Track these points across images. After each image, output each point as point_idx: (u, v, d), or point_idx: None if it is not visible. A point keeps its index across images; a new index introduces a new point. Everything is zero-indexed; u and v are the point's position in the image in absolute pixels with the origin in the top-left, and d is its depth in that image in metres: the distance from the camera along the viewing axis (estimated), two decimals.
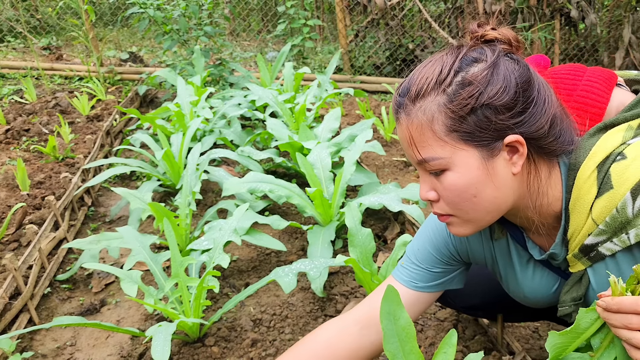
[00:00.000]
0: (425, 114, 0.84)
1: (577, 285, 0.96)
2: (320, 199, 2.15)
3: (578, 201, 0.88)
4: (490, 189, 0.86)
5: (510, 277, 1.09)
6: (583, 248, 0.90)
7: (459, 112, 0.82)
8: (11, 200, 2.52)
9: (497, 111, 0.82)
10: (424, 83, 0.85)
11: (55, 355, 1.66)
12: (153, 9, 4.19)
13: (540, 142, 0.86)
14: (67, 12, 6.13)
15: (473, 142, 0.84)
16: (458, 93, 0.82)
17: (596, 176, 0.86)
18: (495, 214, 0.90)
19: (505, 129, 0.83)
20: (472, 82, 0.82)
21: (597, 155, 0.87)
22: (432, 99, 0.84)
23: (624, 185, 0.82)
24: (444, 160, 0.85)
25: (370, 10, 5.29)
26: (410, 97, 0.86)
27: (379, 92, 5.08)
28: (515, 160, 0.86)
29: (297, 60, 5.50)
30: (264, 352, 1.62)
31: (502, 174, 0.86)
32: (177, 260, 1.61)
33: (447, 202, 0.89)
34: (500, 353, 1.54)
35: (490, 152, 0.84)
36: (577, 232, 0.90)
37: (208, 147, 2.98)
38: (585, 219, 0.88)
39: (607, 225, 0.85)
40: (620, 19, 5.17)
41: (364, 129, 2.84)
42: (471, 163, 0.84)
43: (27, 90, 4.27)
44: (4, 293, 1.71)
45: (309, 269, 1.73)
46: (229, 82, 4.39)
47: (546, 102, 0.86)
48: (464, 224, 0.92)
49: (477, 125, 0.83)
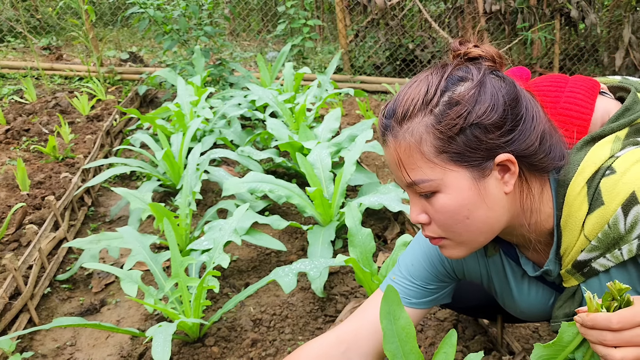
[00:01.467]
0: (413, 135, 0.82)
1: (570, 301, 0.96)
2: (320, 199, 2.15)
3: (570, 218, 0.87)
4: (482, 209, 0.84)
5: (505, 294, 1.08)
6: (576, 264, 0.90)
7: (448, 132, 0.81)
8: (11, 200, 2.52)
9: (486, 130, 0.81)
10: (410, 104, 0.83)
11: (55, 355, 1.66)
12: (153, 8, 4.19)
13: (531, 159, 0.85)
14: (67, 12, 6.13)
15: (463, 163, 0.82)
16: (446, 113, 0.81)
17: (586, 192, 0.85)
18: (488, 235, 0.89)
19: (496, 147, 0.82)
20: (460, 102, 0.81)
21: (586, 171, 0.86)
22: (420, 120, 0.82)
23: (614, 200, 0.81)
24: (434, 182, 0.83)
25: (370, 10, 5.29)
26: (396, 119, 0.84)
27: (379, 92, 5.08)
28: (507, 179, 0.85)
29: (297, 60, 5.50)
30: (264, 352, 1.62)
31: (494, 194, 0.84)
32: (177, 260, 1.61)
33: (439, 224, 0.87)
34: (500, 353, 1.54)
35: (482, 172, 0.83)
36: (569, 248, 0.89)
37: (208, 147, 2.98)
38: (578, 235, 0.87)
39: (600, 241, 0.84)
40: (620, 19, 5.17)
41: (364, 129, 2.84)
42: (462, 184, 0.83)
43: (27, 90, 4.27)
44: (4, 293, 1.71)
45: (309, 269, 1.73)
46: (229, 82, 4.39)
47: (535, 118, 0.85)
48: (457, 246, 0.90)
49: (466, 145, 0.81)
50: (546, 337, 1.65)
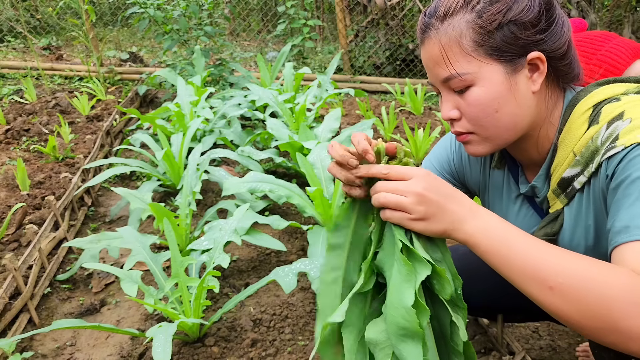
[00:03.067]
0: (454, 29, 0.87)
1: (552, 223, 0.99)
2: (321, 199, 2.15)
3: (567, 135, 0.92)
4: (511, 104, 0.89)
5: (496, 209, 1.12)
6: (561, 182, 0.94)
7: (487, 27, 0.85)
8: (11, 200, 2.52)
9: (522, 27, 0.86)
10: (452, 2, 0.88)
11: (55, 355, 1.66)
12: (153, 8, 4.19)
13: (558, 63, 0.90)
14: (67, 12, 6.13)
15: (498, 57, 0.87)
16: (487, 9, 0.86)
17: (589, 114, 0.90)
18: (512, 133, 0.92)
19: (529, 44, 0.87)
20: (500, 0, 0.86)
21: (596, 97, 0.91)
22: (461, 16, 0.87)
23: (605, 119, 0.86)
24: (470, 75, 0.87)
25: (370, 10, 5.29)
26: (438, 17, 0.89)
27: (379, 92, 5.08)
28: (535, 78, 0.89)
29: (297, 60, 5.50)
30: (264, 352, 1.62)
31: (523, 91, 0.89)
32: (177, 260, 1.61)
33: (469, 118, 0.92)
34: (500, 353, 1.54)
35: (514, 68, 0.88)
36: (560, 165, 0.94)
37: (208, 147, 2.98)
38: (569, 152, 0.91)
39: (582, 155, 0.88)
40: (620, 19, 5.17)
41: (364, 129, 2.84)
42: (496, 78, 0.87)
43: (27, 90, 4.27)
44: (4, 293, 1.71)
45: (309, 269, 1.73)
46: (229, 82, 4.39)
47: (564, 24, 0.91)
48: (482, 141, 0.94)
49: (503, 40, 0.86)
50: (546, 337, 1.65)
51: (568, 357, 1.57)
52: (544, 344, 1.62)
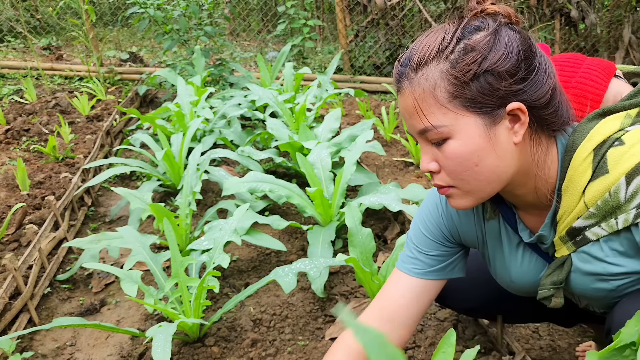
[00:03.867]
0: (427, 81, 0.84)
1: (559, 270, 0.96)
2: (321, 199, 2.15)
3: (571, 182, 0.88)
4: (492, 157, 0.85)
5: (498, 260, 1.08)
6: (570, 231, 0.90)
7: (462, 78, 0.82)
8: (11, 200, 2.52)
9: (499, 77, 0.82)
10: (426, 51, 0.85)
11: (55, 355, 1.66)
12: (153, 8, 4.19)
13: (541, 112, 0.86)
14: (67, 12, 6.13)
15: (475, 109, 0.83)
16: (461, 59, 0.82)
17: (592, 159, 0.85)
18: (495, 185, 0.89)
19: (508, 95, 0.83)
20: (475, 48, 0.82)
21: (595, 139, 0.86)
22: (435, 66, 0.84)
23: (619, 169, 0.82)
24: (446, 128, 0.84)
25: (370, 10, 5.29)
26: (412, 66, 0.86)
27: (379, 92, 5.08)
28: (516, 129, 0.85)
29: (297, 60, 5.50)
30: (264, 352, 1.62)
31: (504, 143, 0.85)
32: (177, 260, 1.61)
33: (449, 172, 0.88)
34: (500, 353, 1.54)
35: (493, 120, 0.84)
36: (567, 213, 0.90)
37: (208, 147, 2.98)
38: (577, 201, 0.88)
39: (598, 209, 0.85)
40: (620, 19, 5.17)
41: (364, 129, 2.84)
42: (473, 130, 0.84)
43: (27, 90, 4.27)
44: (4, 293, 1.71)
45: (309, 269, 1.73)
46: (229, 82, 4.39)
47: (547, 71, 0.86)
48: (464, 195, 0.91)
49: (479, 91, 0.82)
50: (546, 337, 1.65)
51: (568, 357, 1.57)
52: (544, 344, 1.62)
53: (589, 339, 1.61)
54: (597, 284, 0.94)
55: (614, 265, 0.89)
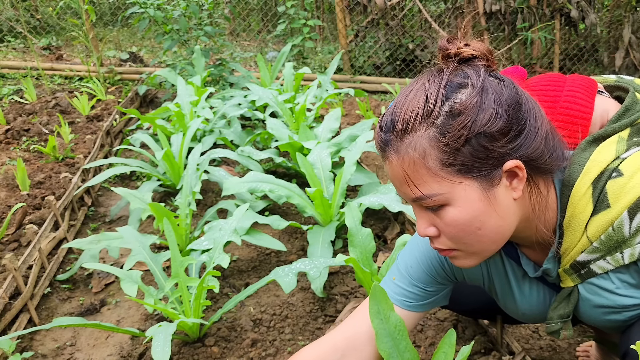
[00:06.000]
0: (416, 150, 0.79)
1: (566, 302, 0.95)
2: (320, 199, 2.15)
3: (573, 219, 0.86)
4: (493, 218, 0.82)
5: (507, 295, 1.06)
6: (575, 265, 0.89)
7: (453, 144, 0.77)
8: (11, 200, 2.52)
9: (493, 138, 0.78)
10: (409, 116, 0.79)
11: (55, 355, 1.66)
12: (153, 8, 4.18)
13: (538, 162, 0.83)
14: (67, 12, 6.13)
15: (471, 174, 0.79)
16: (449, 124, 0.77)
17: (591, 193, 0.84)
18: (500, 243, 0.87)
19: (504, 155, 0.79)
20: (462, 112, 0.77)
21: (592, 172, 0.85)
22: (422, 133, 0.78)
23: (620, 203, 0.81)
24: (442, 196, 0.80)
25: (370, 10, 5.29)
26: (397, 134, 0.81)
27: (379, 92, 5.08)
28: (515, 185, 0.82)
29: (297, 60, 5.50)
30: (264, 352, 1.62)
31: (504, 202, 0.82)
32: (177, 260, 1.61)
33: (450, 237, 0.85)
34: (500, 353, 1.54)
35: (491, 182, 0.80)
36: (570, 248, 0.89)
37: (208, 147, 2.98)
38: (580, 236, 0.86)
39: (602, 243, 0.84)
40: (620, 19, 5.17)
41: (364, 129, 2.84)
42: (472, 196, 0.80)
43: (27, 90, 4.27)
44: (4, 293, 1.71)
45: (309, 269, 1.73)
46: (229, 82, 4.39)
47: (537, 119, 0.83)
48: (468, 256, 0.88)
49: (473, 156, 0.78)
50: (546, 337, 1.66)
51: (568, 357, 1.57)
52: (544, 344, 1.62)
53: (589, 339, 1.61)
54: (609, 316, 0.93)
55: (626, 297, 0.88)
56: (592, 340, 1.56)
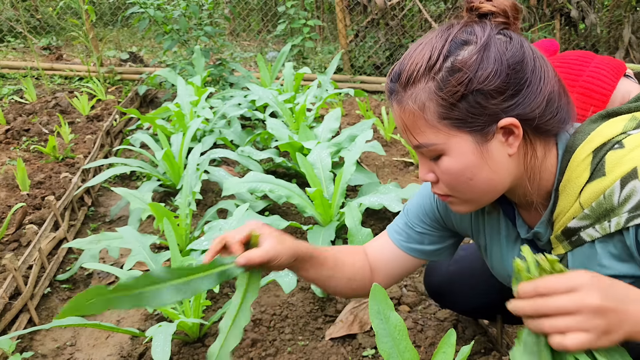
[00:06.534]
0: (416, 102, 0.84)
1: None
2: (320, 199, 2.15)
3: (569, 183, 0.88)
4: (485, 172, 0.86)
5: (495, 253, 1.09)
6: (565, 231, 0.90)
7: (450, 99, 0.81)
8: (11, 200, 2.52)
9: (488, 96, 0.81)
10: (413, 69, 0.84)
11: (55, 355, 1.66)
12: (153, 8, 4.19)
13: (536, 121, 0.84)
14: (67, 12, 6.13)
15: (466, 128, 0.83)
16: (447, 80, 0.81)
17: (590, 161, 0.85)
18: (492, 194, 0.91)
19: (498, 112, 0.82)
20: (461, 69, 0.80)
21: (595, 141, 0.86)
22: (422, 86, 0.83)
23: (615, 173, 0.81)
24: (438, 146, 0.85)
25: (370, 10, 5.29)
26: (401, 84, 0.86)
27: (379, 92, 5.08)
28: (510, 142, 0.85)
29: (297, 60, 5.50)
30: (264, 352, 1.62)
31: (498, 157, 0.85)
32: (177, 260, 1.61)
33: (445, 184, 0.90)
34: (500, 353, 1.54)
35: (484, 137, 0.83)
36: (562, 213, 0.90)
37: (208, 147, 2.98)
38: (573, 201, 0.87)
39: (592, 210, 0.84)
40: (620, 19, 5.17)
41: (364, 129, 2.84)
42: (465, 148, 0.84)
43: (27, 90, 4.27)
44: (4, 293, 1.71)
45: None
46: (229, 82, 4.39)
47: (542, 80, 0.84)
48: (463, 203, 0.93)
49: (468, 111, 0.81)
50: None
51: None
52: None
53: None
54: None
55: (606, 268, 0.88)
56: None
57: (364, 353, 1.59)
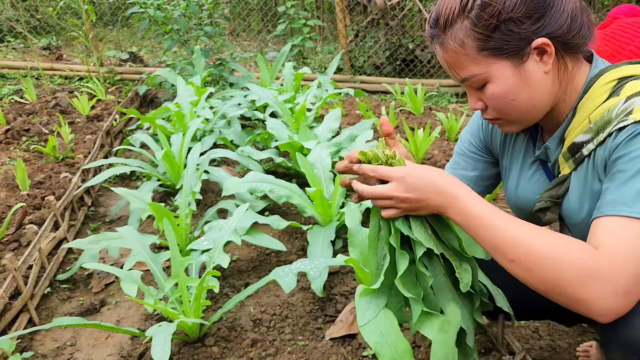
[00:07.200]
0: (455, 40, 0.94)
1: (558, 186, 1.04)
2: (320, 199, 2.15)
3: (587, 101, 0.96)
4: (525, 91, 0.95)
5: (512, 172, 1.20)
6: (571, 147, 0.98)
7: (484, 32, 0.91)
8: (11, 200, 2.52)
9: (518, 22, 0.90)
10: (449, 13, 0.94)
11: (55, 355, 1.66)
12: (153, 8, 4.19)
13: (565, 37, 0.93)
14: (67, 12, 6.13)
15: (503, 55, 0.92)
16: (480, 16, 0.91)
17: (613, 85, 0.94)
18: (535, 113, 0.99)
19: (530, 35, 0.91)
20: (490, 3, 0.90)
21: (624, 72, 0.94)
22: (459, 25, 0.93)
23: (627, 94, 0.89)
24: (481, 76, 0.95)
25: (370, 10, 5.29)
26: (440, 28, 0.97)
27: (379, 92, 5.08)
28: (545, 60, 0.94)
29: (297, 60, 5.50)
30: (264, 352, 1.62)
31: (535, 75, 0.94)
32: (177, 260, 1.61)
33: (492, 108, 1.01)
34: (500, 353, 1.54)
35: (520, 59, 0.93)
36: (573, 129, 0.98)
37: (208, 147, 2.98)
38: (585, 118, 0.96)
39: (596, 124, 0.93)
40: None
41: (364, 129, 2.84)
42: (505, 73, 0.94)
43: (27, 90, 4.27)
44: (4, 293, 1.71)
45: (309, 268, 1.73)
46: (229, 82, 4.39)
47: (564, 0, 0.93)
48: (510, 124, 1.03)
49: (503, 39, 0.91)
50: (546, 337, 1.65)
51: (568, 357, 1.57)
52: (544, 344, 1.62)
53: (590, 339, 1.61)
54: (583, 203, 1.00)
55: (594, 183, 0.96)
56: (592, 341, 1.56)
57: (364, 353, 1.59)
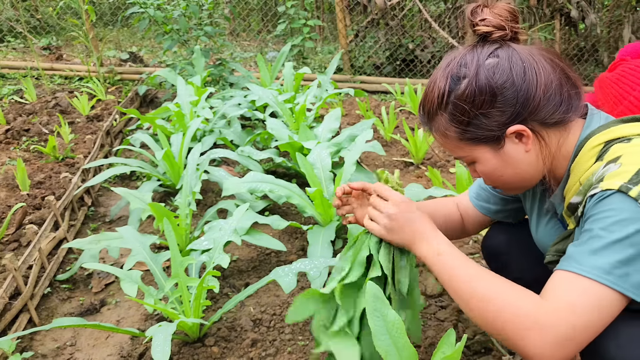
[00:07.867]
0: (438, 130, 1.05)
1: (565, 240, 1.07)
2: (320, 199, 2.15)
3: (577, 165, 0.99)
4: (509, 169, 1.02)
5: (533, 217, 1.25)
6: (570, 206, 1.02)
7: (460, 125, 1.00)
8: (11, 200, 2.52)
9: (488, 116, 0.97)
10: (430, 106, 1.04)
11: (55, 355, 1.66)
12: (153, 8, 4.19)
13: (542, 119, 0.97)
14: (67, 12, 6.13)
15: (480, 142, 1.00)
16: (454, 113, 1.00)
17: (600, 149, 0.95)
18: (527, 183, 1.06)
19: (502, 126, 0.97)
20: (461, 103, 0.98)
21: (610, 134, 0.95)
22: (439, 118, 1.03)
23: (608, 158, 0.91)
24: (468, 157, 1.05)
25: (370, 10, 5.29)
26: (426, 116, 1.07)
27: (379, 92, 5.08)
28: (524, 142, 0.99)
29: (297, 60, 5.50)
30: (264, 352, 1.62)
31: (516, 155, 1.00)
32: (177, 260, 1.61)
33: (486, 181, 1.09)
34: (500, 353, 1.54)
35: (498, 144, 1.00)
36: (569, 189, 1.02)
37: (208, 147, 2.98)
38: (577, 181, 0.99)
39: (583, 187, 0.96)
40: (620, 19, 5.17)
41: (364, 129, 2.84)
42: (487, 156, 1.02)
43: (27, 90, 4.27)
44: (4, 293, 1.71)
45: (309, 268, 1.73)
46: (229, 82, 4.39)
47: (536, 85, 0.95)
48: (509, 190, 1.11)
49: (477, 131, 0.99)
50: None
51: None
52: None
53: None
54: None
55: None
56: None
57: None
